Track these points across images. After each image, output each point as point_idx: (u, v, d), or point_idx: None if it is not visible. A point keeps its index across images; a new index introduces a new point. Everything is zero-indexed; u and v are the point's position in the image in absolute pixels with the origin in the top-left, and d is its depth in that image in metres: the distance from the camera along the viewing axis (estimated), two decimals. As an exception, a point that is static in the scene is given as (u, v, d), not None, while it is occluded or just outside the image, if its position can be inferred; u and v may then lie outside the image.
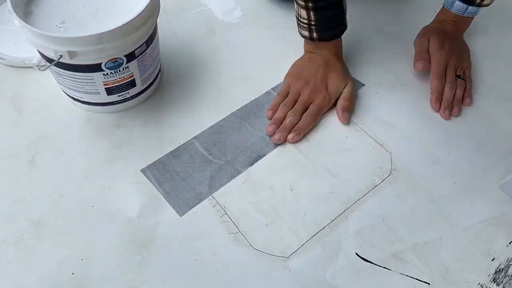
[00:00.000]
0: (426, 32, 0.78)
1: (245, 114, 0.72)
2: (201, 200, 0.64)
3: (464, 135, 0.71)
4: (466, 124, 0.73)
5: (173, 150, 0.68)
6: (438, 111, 0.73)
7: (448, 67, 0.74)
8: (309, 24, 0.70)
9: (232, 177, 0.66)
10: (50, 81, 0.74)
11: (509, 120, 0.73)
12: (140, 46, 0.64)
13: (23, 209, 0.62)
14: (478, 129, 0.72)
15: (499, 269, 0.59)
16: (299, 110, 0.70)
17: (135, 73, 0.67)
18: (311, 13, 0.68)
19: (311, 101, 0.71)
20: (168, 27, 0.83)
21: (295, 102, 0.71)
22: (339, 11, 0.70)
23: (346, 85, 0.73)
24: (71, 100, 0.72)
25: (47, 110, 0.72)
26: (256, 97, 0.75)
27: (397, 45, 0.83)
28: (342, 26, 0.72)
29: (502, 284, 0.58)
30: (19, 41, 0.77)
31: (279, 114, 0.70)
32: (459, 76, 0.75)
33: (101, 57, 0.61)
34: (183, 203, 0.63)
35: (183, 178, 0.65)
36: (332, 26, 0.71)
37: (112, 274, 0.57)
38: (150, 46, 0.66)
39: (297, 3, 0.69)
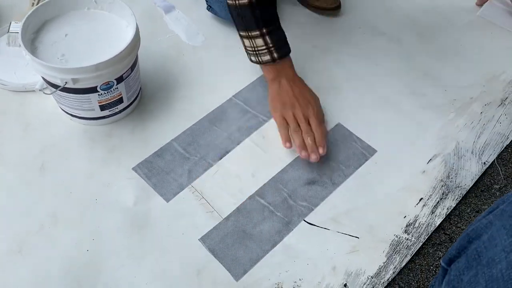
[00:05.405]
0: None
1: (212, 118, 0.90)
2: (182, 189, 0.81)
3: (380, 127, 0.92)
4: (385, 117, 0.93)
5: (157, 151, 0.85)
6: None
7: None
8: (267, 48, 0.83)
9: (206, 169, 0.84)
10: (48, 102, 0.89)
11: (416, 112, 0.95)
12: (127, 70, 0.81)
13: (40, 205, 0.78)
14: (393, 121, 0.93)
15: (409, 224, 0.80)
16: (307, 128, 0.82)
17: (122, 92, 0.83)
18: (267, 37, 0.82)
19: (308, 115, 0.83)
20: (143, 52, 0.99)
21: (298, 125, 0.83)
22: (282, 31, 0.86)
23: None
24: (69, 116, 0.88)
25: (48, 126, 0.88)
26: (221, 103, 0.93)
27: (329, 57, 1.03)
28: (287, 43, 0.87)
29: (411, 233, 0.79)
30: (19, 69, 0.92)
31: (298, 141, 0.81)
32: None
33: (97, 81, 0.77)
34: (168, 192, 0.81)
35: (167, 172, 0.83)
36: (284, 43, 0.85)
37: (118, 248, 0.74)
38: (134, 70, 0.83)
39: (250, 37, 0.82)
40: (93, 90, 0.79)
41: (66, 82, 0.75)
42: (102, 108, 0.84)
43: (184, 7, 1.09)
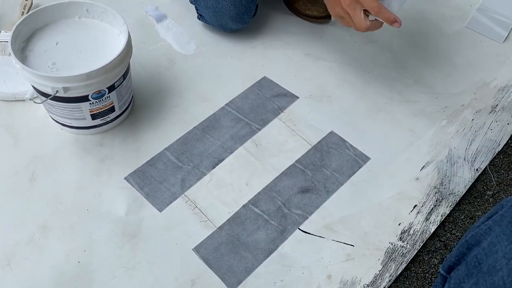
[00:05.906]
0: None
1: (205, 127, 0.90)
2: (175, 198, 0.80)
3: (373, 135, 0.92)
4: (377, 125, 0.94)
5: (149, 160, 0.84)
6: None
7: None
8: None
9: (199, 178, 0.83)
10: (39, 111, 0.88)
11: (408, 120, 0.95)
12: (119, 79, 0.80)
13: (30, 216, 0.76)
14: (385, 128, 0.93)
15: (404, 231, 0.80)
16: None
17: (114, 100, 0.83)
18: None
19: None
20: (135, 61, 0.99)
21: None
22: None
23: None
24: (59, 125, 0.86)
25: (39, 135, 0.86)
26: (214, 112, 0.92)
27: (321, 65, 1.03)
28: None
29: (406, 241, 0.79)
30: (9, 78, 0.91)
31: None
32: None
33: (88, 90, 0.76)
34: (161, 202, 0.80)
35: (159, 182, 0.82)
36: None
37: (110, 259, 0.73)
38: (126, 78, 0.83)
39: None
40: (84, 99, 0.78)
41: (57, 91, 0.74)
42: (94, 117, 0.83)
43: (175, 16, 1.09)
